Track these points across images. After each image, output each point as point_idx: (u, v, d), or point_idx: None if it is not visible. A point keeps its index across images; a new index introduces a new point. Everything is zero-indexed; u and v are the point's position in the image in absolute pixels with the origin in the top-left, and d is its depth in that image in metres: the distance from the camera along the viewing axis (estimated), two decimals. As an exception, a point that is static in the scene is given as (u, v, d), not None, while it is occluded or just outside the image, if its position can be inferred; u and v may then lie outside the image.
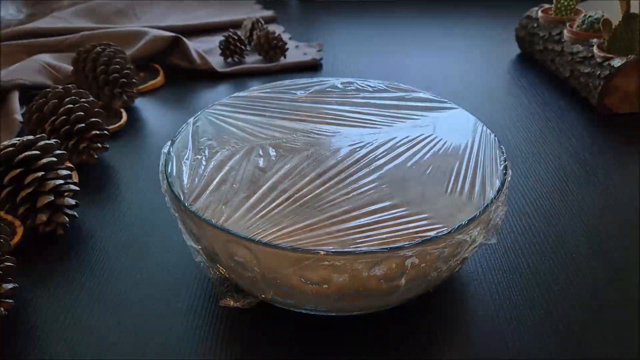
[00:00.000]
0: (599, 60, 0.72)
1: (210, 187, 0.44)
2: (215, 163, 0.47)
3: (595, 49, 0.73)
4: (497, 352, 0.41)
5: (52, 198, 0.50)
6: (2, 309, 0.42)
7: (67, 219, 0.52)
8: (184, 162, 0.46)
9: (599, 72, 0.71)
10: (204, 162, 0.46)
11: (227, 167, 0.46)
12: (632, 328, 0.43)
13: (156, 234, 0.53)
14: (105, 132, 0.62)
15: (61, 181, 0.51)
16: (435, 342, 0.42)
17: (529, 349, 0.41)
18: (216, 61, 0.89)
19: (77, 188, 0.53)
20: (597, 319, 0.43)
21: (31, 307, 0.45)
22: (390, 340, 0.42)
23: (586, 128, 0.70)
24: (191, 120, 0.50)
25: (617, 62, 0.69)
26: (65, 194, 0.52)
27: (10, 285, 0.43)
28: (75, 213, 0.53)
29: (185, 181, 0.44)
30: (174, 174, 0.44)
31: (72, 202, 0.52)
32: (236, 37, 0.89)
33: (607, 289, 0.46)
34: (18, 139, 0.52)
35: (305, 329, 0.42)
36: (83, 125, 0.60)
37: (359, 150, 0.48)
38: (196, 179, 0.44)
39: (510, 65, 0.90)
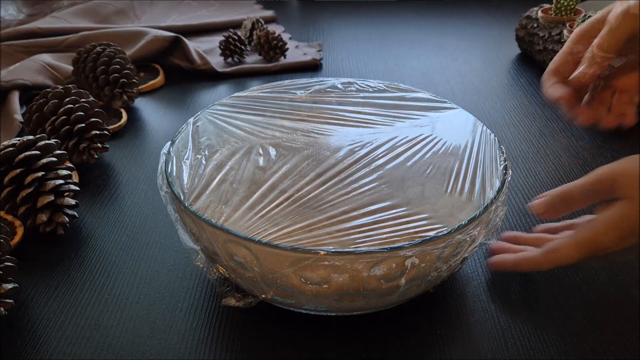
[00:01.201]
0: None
1: (210, 187, 0.44)
2: (215, 163, 0.47)
3: (595, 49, 0.73)
4: (497, 352, 0.41)
5: (53, 198, 0.50)
6: (2, 309, 0.42)
7: (67, 219, 0.52)
8: (184, 162, 0.46)
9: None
10: (204, 162, 0.46)
11: (227, 167, 0.46)
12: (632, 328, 0.43)
13: (156, 234, 0.53)
14: (106, 132, 0.62)
15: (61, 181, 0.51)
16: (435, 342, 0.42)
17: (529, 349, 0.41)
18: (216, 61, 0.89)
19: (77, 188, 0.53)
20: (597, 319, 0.43)
21: (31, 307, 0.45)
22: (390, 340, 0.42)
23: (586, 128, 0.70)
24: (191, 120, 0.50)
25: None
26: (66, 194, 0.52)
27: (10, 285, 0.43)
28: (75, 213, 0.53)
29: (185, 181, 0.44)
30: (174, 173, 0.44)
31: (72, 202, 0.52)
32: (236, 37, 0.89)
33: (607, 289, 0.46)
34: (18, 139, 0.52)
35: (305, 329, 0.42)
36: (83, 125, 0.60)
37: (358, 150, 0.47)
38: (196, 179, 0.44)
39: (510, 65, 0.90)
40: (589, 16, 0.78)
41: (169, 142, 0.46)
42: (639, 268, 0.48)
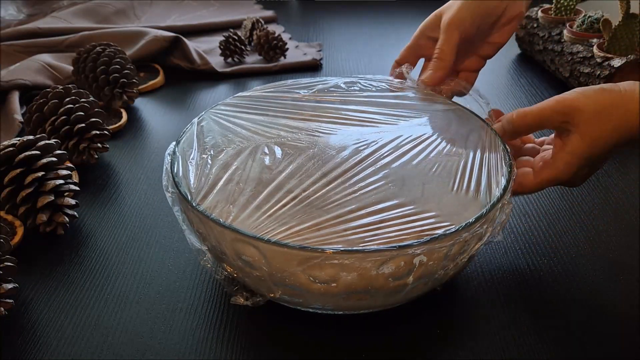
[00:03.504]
0: (598, 60, 0.72)
1: (217, 187, 0.44)
2: (221, 162, 0.46)
3: (595, 49, 0.73)
4: (497, 352, 0.41)
5: (53, 198, 0.50)
6: (2, 309, 0.42)
7: (67, 219, 0.52)
8: (190, 162, 0.46)
9: (598, 72, 0.71)
10: (209, 162, 0.46)
11: (233, 167, 0.46)
12: (632, 328, 0.43)
13: (156, 234, 0.53)
14: (106, 132, 0.62)
15: (61, 181, 0.51)
16: (435, 342, 0.42)
17: (529, 349, 0.41)
18: (216, 61, 0.89)
19: (77, 188, 0.53)
20: (597, 319, 0.43)
21: (31, 307, 0.45)
22: (390, 340, 0.42)
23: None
24: (195, 120, 0.50)
25: (617, 62, 0.69)
26: (66, 194, 0.52)
27: (10, 285, 0.43)
28: (75, 213, 0.53)
29: (192, 181, 0.44)
30: (180, 174, 0.44)
31: (72, 202, 0.52)
32: (236, 37, 0.89)
33: (607, 289, 0.46)
34: (18, 139, 0.52)
35: (305, 328, 0.42)
36: (83, 125, 0.60)
37: (363, 149, 0.47)
38: (202, 179, 0.44)
39: (510, 65, 0.90)
40: (589, 16, 0.78)
41: (174, 142, 0.46)
42: (639, 268, 0.48)
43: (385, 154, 0.47)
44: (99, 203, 0.58)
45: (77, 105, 0.61)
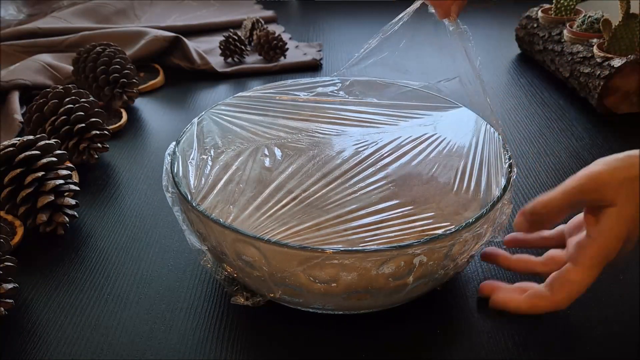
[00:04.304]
0: (598, 60, 0.72)
1: (217, 187, 0.44)
2: (221, 163, 0.47)
3: (595, 49, 0.73)
4: (497, 352, 0.41)
5: (53, 198, 0.50)
6: (2, 309, 0.42)
7: (67, 218, 0.52)
8: (190, 162, 0.46)
9: (598, 72, 0.71)
10: (209, 163, 0.47)
11: (233, 167, 0.46)
12: (632, 328, 0.43)
13: (156, 234, 0.53)
14: (106, 132, 0.62)
15: (61, 181, 0.51)
16: (435, 342, 0.42)
17: (529, 349, 0.41)
18: (216, 61, 0.89)
19: (77, 188, 0.53)
20: (597, 319, 0.43)
21: (31, 307, 0.45)
22: (390, 339, 0.42)
23: (586, 128, 0.70)
24: (195, 120, 0.50)
25: (617, 62, 0.69)
26: (66, 194, 0.52)
27: (10, 285, 0.43)
28: (75, 213, 0.53)
29: (192, 181, 0.44)
30: (180, 174, 0.44)
31: (73, 202, 0.52)
32: (236, 37, 0.89)
33: (607, 289, 0.46)
34: (18, 139, 0.52)
35: (305, 328, 0.42)
36: (83, 125, 0.60)
37: (363, 150, 0.48)
38: (202, 179, 0.45)
39: (510, 65, 0.90)
40: (589, 16, 0.78)
41: (174, 143, 0.46)
42: (639, 268, 0.48)
43: (385, 155, 0.47)
44: (99, 203, 0.58)
45: (77, 105, 0.61)
